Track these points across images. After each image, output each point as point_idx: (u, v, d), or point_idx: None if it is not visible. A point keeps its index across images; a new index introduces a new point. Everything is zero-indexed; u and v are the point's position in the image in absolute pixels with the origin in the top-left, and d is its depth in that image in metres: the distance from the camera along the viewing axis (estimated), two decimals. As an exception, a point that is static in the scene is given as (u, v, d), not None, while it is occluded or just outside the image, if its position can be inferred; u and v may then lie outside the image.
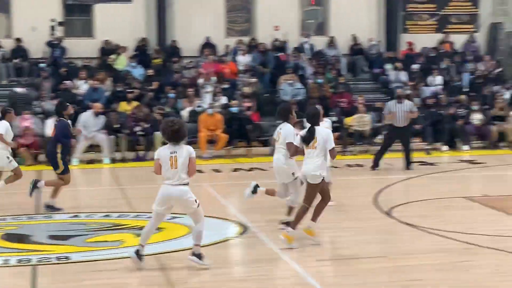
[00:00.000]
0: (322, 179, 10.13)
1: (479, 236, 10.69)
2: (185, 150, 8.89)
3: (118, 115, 20.76)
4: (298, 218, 10.17)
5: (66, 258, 9.73)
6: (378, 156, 17.46)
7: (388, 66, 25.67)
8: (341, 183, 16.18)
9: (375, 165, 17.32)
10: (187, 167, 8.85)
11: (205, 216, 10.54)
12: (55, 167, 12.98)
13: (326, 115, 21.40)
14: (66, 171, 12.98)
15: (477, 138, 21.82)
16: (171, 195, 8.90)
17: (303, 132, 10.37)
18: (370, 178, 16.61)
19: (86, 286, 8.51)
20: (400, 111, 17.13)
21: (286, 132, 10.93)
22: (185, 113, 21.71)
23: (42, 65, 23.89)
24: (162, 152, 8.91)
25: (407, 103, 17.46)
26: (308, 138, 10.13)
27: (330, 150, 10.15)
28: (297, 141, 10.51)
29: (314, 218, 10.31)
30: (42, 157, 19.50)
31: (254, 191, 11.47)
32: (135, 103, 21.42)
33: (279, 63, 25.01)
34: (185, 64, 24.88)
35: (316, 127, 10.19)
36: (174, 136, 8.79)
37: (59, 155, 12.84)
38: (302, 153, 10.35)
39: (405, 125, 17.25)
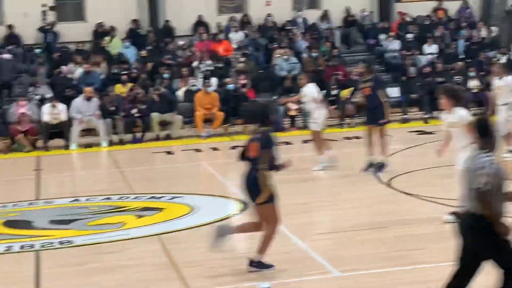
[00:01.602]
0: None
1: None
2: None
3: (114, 98, 20.69)
4: None
5: (69, 242, 9.75)
6: None
7: (382, 37, 25.59)
8: (338, 155, 16.20)
9: None
10: None
11: (205, 195, 10.56)
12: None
13: (322, 88, 21.40)
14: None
15: (475, 104, 21.77)
16: None
17: None
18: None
19: (89, 269, 8.53)
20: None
21: None
22: (180, 92, 21.67)
23: (37, 51, 23.74)
24: None
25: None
26: None
27: None
28: None
29: None
30: (40, 143, 19.51)
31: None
32: (130, 85, 21.35)
33: (273, 39, 24.94)
34: (178, 44, 24.77)
35: None
36: None
37: None
38: None
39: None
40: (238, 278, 7.83)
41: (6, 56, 22.82)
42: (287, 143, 18.41)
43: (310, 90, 14.29)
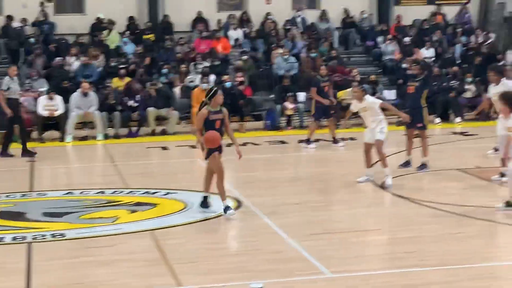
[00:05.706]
0: None
1: (472, 207, 10.74)
2: None
3: (112, 91, 20.65)
4: None
5: (61, 235, 9.75)
6: None
7: (380, 39, 25.63)
8: (332, 157, 16.25)
9: None
10: None
11: (200, 191, 10.61)
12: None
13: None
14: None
15: (470, 110, 21.81)
16: None
17: None
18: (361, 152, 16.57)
19: (81, 263, 8.53)
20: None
21: None
22: (177, 89, 21.67)
23: (31, 40, 23.70)
24: None
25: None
26: None
27: None
28: None
29: None
30: (35, 134, 19.49)
31: None
32: (127, 79, 21.36)
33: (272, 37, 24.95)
34: (177, 40, 24.77)
35: None
36: None
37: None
38: None
39: None
40: (230, 276, 7.84)
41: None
42: (283, 142, 18.46)
43: (374, 101, 12.92)
